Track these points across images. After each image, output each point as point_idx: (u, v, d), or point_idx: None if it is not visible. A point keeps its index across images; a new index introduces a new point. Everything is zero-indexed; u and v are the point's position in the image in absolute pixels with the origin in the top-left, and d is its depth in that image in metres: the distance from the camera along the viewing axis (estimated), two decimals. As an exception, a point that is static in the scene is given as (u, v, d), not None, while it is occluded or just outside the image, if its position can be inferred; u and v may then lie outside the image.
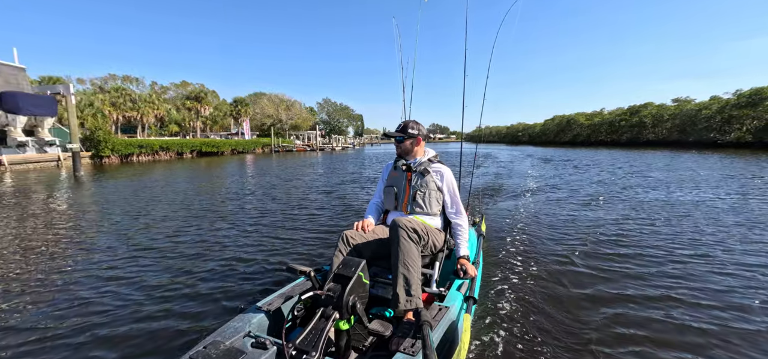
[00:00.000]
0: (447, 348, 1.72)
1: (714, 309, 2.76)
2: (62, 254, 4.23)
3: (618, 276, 3.42)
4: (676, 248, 4.19)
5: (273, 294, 1.94)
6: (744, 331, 2.45)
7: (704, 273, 3.46)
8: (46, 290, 3.23)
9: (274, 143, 44.08)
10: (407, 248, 1.85)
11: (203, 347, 1.42)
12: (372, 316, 1.85)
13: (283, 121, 57.91)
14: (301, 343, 1.41)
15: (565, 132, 57.17)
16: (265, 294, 2.58)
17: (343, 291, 1.51)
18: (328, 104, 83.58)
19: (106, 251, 4.29)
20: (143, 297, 3.10)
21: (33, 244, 4.66)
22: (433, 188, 2.22)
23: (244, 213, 6.52)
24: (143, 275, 3.56)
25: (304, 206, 7.24)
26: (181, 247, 4.46)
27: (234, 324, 1.61)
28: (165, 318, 2.73)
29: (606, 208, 6.62)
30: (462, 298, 1.97)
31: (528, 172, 13.62)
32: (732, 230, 4.95)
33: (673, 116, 40.65)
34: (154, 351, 2.31)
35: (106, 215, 6.44)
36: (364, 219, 2.27)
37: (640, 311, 2.73)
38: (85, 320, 2.70)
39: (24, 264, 3.90)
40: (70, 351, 2.33)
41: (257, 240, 4.73)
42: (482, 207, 6.83)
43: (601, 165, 16.05)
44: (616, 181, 10.49)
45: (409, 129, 2.28)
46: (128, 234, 5.07)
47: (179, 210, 6.77)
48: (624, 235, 4.81)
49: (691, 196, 7.67)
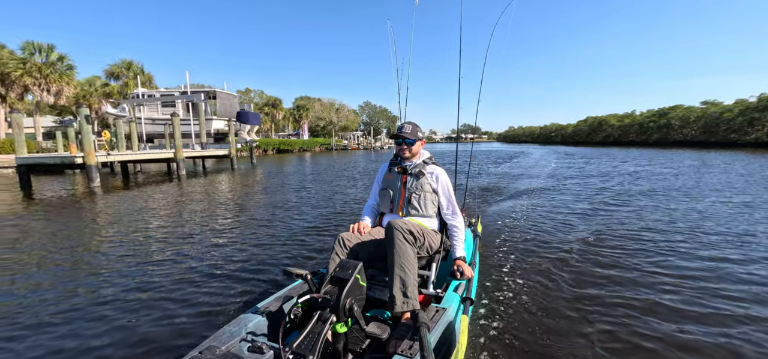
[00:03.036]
0: (445, 349, 1.72)
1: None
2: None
3: (619, 277, 3.41)
4: (686, 249, 4.19)
5: (269, 297, 1.94)
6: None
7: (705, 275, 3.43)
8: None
9: (333, 143, 51.69)
10: (403, 250, 1.86)
11: (199, 352, 1.41)
12: (369, 318, 1.85)
13: (334, 123, 65.88)
14: (299, 347, 1.41)
15: (596, 133, 60.57)
16: (262, 297, 2.63)
17: (340, 294, 1.51)
18: (369, 107, 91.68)
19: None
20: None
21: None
22: (428, 190, 2.24)
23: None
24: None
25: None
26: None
27: (230, 328, 1.61)
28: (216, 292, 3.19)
29: (607, 208, 6.65)
30: (459, 299, 1.99)
31: (551, 164, 18.04)
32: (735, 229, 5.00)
33: (698, 118, 43.74)
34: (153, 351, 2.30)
35: (269, 178, 13.26)
36: (360, 221, 2.31)
37: (641, 313, 2.72)
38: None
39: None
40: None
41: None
42: (478, 208, 6.89)
43: (637, 161, 18.52)
44: (624, 180, 10.83)
45: (418, 132, 2.32)
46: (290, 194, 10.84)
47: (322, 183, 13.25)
48: (630, 233, 4.85)
49: (681, 193, 8.07)
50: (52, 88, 23.29)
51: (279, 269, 3.81)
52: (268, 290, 3.16)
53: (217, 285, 3.46)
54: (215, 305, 3.01)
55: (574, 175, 12.95)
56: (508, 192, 9.08)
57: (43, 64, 23.17)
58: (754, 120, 37.19)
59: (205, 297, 3.19)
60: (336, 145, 52.32)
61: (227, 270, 3.85)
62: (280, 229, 5.68)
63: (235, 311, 2.80)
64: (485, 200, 7.85)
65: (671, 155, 23.46)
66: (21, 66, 22.45)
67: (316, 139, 54.43)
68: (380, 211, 2.45)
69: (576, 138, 66.12)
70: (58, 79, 23.40)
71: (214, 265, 4.03)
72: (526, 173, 13.76)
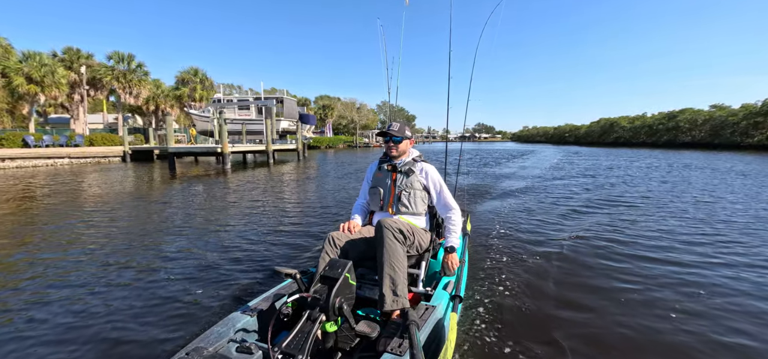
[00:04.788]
0: (434, 347, 1.74)
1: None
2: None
3: (610, 273, 3.49)
4: (683, 245, 4.36)
5: (258, 297, 1.95)
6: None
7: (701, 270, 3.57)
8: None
9: (357, 140, 55.81)
10: (393, 248, 1.88)
11: (185, 353, 1.42)
12: (359, 317, 1.86)
13: (355, 121, 69.94)
14: (288, 346, 1.41)
15: (607, 134, 62.84)
16: (251, 296, 2.65)
17: (330, 293, 1.52)
18: (386, 106, 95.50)
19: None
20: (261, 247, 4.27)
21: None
22: (418, 188, 2.28)
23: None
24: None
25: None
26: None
27: (218, 328, 1.60)
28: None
29: (601, 206, 6.87)
30: (448, 297, 2.02)
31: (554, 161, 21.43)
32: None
33: (705, 121, 45.86)
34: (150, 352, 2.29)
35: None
36: (350, 220, 2.32)
37: (634, 311, 2.74)
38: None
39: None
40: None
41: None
42: (468, 206, 6.96)
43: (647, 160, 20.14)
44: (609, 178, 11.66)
45: (406, 131, 2.36)
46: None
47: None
48: (621, 229, 5.01)
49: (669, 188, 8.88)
50: (133, 90, 27.91)
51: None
52: (256, 289, 3.18)
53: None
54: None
55: (573, 173, 14.28)
56: (499, 191, 9.32)
57: (126, 71, 27.83)
58: (757, 124, 39.27)
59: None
60: (360, 143, 56.42)
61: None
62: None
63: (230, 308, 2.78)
64: (474, 199, 7.96)
65: (679, 156, 25.88)
66: (110, 72, 27.14)
67: (340, 137, 58.59)
68: (370, 209, 2.47)
69: (588, 139, 68.48)
70: (137, 83, 28.01)
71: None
72: (517, 174, 13.70)
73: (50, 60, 24.55)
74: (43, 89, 23.72)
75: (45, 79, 23.60)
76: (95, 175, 13.94)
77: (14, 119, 31.32)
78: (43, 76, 23.53)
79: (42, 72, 23.50)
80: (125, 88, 27.64)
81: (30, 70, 23.12)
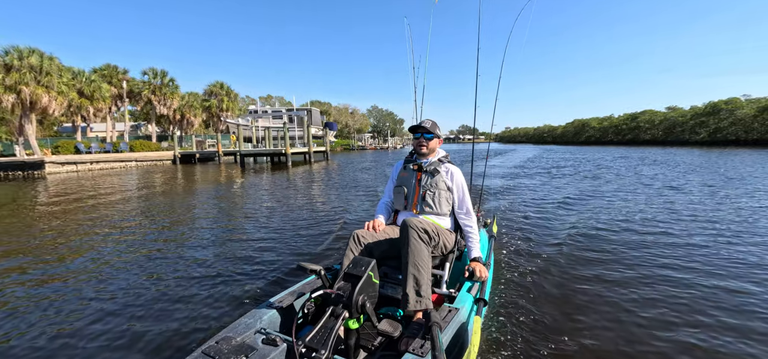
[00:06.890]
0: (457, 350, 1.74)
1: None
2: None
3: (640, 276, 3.40)
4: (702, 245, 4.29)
5: (284, 291, 2.01)
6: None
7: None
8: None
9: (353, 144, 60.22)
10: (418, 248, 1.89)
11: (215, 342, 1.49)
12: (382, 316, 1.88)
13: (350, 126, 74.12)
14: (311, 341, 1.45)
15: (580, 134, 69.60)
16: (278, 290, 2.74)
17: (353, 290, 1.55)
18: (376, 111, 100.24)
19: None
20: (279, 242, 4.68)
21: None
22: (442, 188, 2.26)
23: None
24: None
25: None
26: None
27: (245, 320, 1.68)
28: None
29: (634, 205, 6.85)
30: (472, 300, 1.99)
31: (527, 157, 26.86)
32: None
33: (661, 122, 52.69)
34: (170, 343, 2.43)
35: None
36: (374, 219, 2.32)
37: (661, 312, 2.69)
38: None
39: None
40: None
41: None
42: (493, 207, 7.03)
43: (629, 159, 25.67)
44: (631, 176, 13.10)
45: (437, 129, 2.34)
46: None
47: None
48: (654, 232, 4.89)
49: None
50: (167, 102, 31.47)
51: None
52: (282, 283, 3.35)
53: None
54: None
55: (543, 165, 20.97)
56: (516, 190, 9.65)
57: (160, 85, 31.40)
58: (702, 123, 46.08)
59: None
60: (356, 146, 60.76)
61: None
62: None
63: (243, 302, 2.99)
64: (498, 199, 8.22)
65: (637, 151, 31.08)
66: (147, 86, 30.69)
67: (337, 141, 62.76)
68: (394, 208, 2.48)
69: (564, 138, 75.18)
70: (170, 96, 31.60)
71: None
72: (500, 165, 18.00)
73: (95, 76, 27.93)
74: (92, 102, 27.06)
75: (94, 93, 26.97)
76: (169, 174, 17.38)
77: (43, 128, 34.59)
78: (93, 91, 26.90)
79: (91, 88, 26.87)
80: (160, 100, 31.13)
81: (81, 86, 26.47)
